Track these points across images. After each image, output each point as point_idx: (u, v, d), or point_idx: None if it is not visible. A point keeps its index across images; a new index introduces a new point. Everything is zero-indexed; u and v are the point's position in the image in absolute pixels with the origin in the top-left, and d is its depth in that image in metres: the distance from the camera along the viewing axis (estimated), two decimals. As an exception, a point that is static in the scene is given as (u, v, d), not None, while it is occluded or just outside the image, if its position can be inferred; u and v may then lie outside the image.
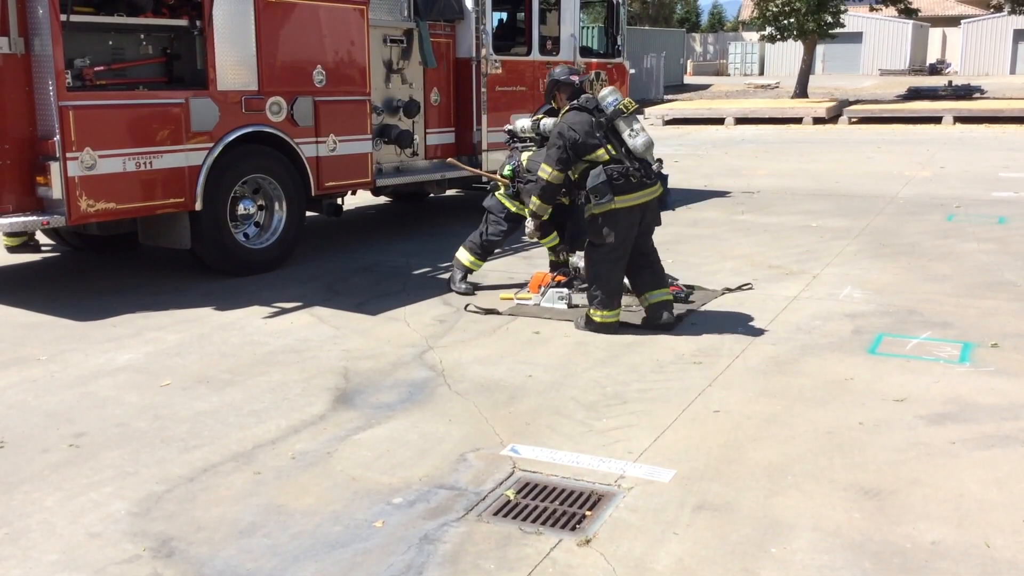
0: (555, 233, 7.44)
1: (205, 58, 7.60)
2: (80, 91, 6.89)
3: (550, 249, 7.63)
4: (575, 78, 6.65)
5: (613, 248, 6.21)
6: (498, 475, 4.21)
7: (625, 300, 6.97)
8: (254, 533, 3.72)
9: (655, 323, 6.35)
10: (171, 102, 7.38)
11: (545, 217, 6.60)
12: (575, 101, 6.34)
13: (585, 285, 6.78)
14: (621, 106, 6.11)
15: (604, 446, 4.50)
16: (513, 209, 7.42)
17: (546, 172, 6.26)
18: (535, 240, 7.61)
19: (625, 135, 6.11)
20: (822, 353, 5.89)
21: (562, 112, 6.44)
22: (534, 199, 6.42)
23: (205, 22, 7.52)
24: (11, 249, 9.14)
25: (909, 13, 34.00)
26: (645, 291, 6.39)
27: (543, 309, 6.98)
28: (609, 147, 6.14)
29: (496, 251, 8.12)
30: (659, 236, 6.59)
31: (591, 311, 6.36)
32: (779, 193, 13.08)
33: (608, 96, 6.17)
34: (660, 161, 6.24)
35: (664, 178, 6.30)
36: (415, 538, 3.65)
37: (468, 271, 7.57)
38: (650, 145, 6.12)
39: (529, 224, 6.75)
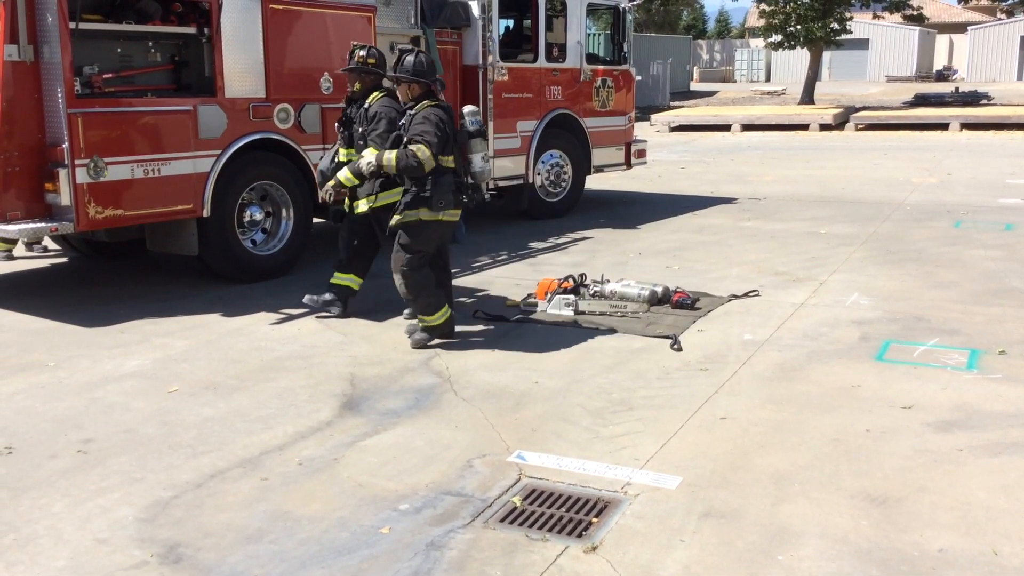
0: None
1: (213, 65, 7.64)
2: (89, 98, 6.92)
3: (346, 279, 7.03)
4: (436, 87, 6.31)
5: (426, 256, 6.27)
6: (504, 482, 4.21)
7: (631, 307, 6.99)
8: (261, 539, 3.72)
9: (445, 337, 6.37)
10: (179, 109, 7.41)
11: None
12: (439, 101, 6.23)
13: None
14: (483, 128, 6.22)
15: (610, 453, 4.51)
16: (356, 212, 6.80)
17: (425, 155, 5.93)
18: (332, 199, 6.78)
19: (477, 156, 6.26)
20: (829, 360, 5.89)
21: (428, 104, 6.15)
22: (389, 157, 6.02)
23: (213, 29, 7.56)
24: (28, 245, 9.21)
25: (918, 20, 33.92)
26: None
27: (549, 315, 6.99)
28: (454, 157, 6.23)
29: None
30: (666, 242, 6.60)
31: (423, 319, 6.28)
32: (785, 200, 13.07)
33: (476, 114, 6.36)
34: (492, 192, 6.43)
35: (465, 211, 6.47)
36: (421, 544, 3.66)
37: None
38: (489, 174, 6.27)
39: (337, 180, 6.43)
